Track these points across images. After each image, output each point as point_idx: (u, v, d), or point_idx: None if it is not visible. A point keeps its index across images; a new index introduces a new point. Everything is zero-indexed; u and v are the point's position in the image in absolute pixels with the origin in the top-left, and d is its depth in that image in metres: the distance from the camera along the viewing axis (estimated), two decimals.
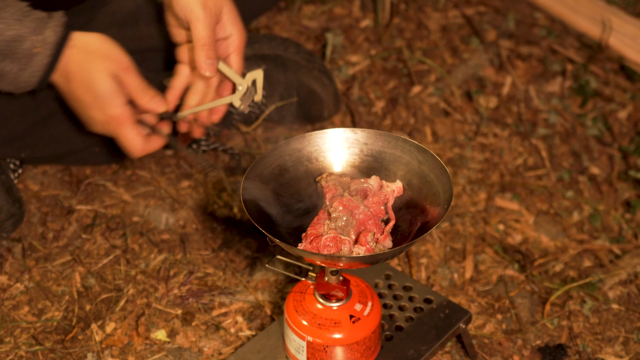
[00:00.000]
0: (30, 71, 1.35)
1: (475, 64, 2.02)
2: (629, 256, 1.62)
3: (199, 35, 1.39)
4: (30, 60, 1.34)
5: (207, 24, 1.39)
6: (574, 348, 1.47)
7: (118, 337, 1.47)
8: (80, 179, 1.72)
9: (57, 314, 1.50)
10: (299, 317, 1.29)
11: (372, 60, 2.02)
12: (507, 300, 1.54)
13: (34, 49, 1.33)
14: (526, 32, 2.11)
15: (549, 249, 1.64)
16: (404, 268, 1.59)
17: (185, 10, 1.39)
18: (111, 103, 1.37)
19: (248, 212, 1.19)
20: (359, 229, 1.23)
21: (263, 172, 1.27)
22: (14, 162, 1.67)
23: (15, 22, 1.32)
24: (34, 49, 1.33)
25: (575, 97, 1.96)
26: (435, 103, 1.93)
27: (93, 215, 1.67)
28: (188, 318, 1.50)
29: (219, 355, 1.45)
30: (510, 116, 1.91)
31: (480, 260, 1.61)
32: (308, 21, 2.12)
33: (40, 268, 1.57)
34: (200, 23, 1.38)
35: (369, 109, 1.91)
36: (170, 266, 1.57)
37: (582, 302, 1.54)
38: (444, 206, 1.20)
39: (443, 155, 1.81)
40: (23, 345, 1.46)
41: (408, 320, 1.40)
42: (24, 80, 1.36)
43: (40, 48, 1.33)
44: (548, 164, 1.81)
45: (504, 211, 1.71)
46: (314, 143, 1.31)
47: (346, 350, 1.29)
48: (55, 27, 1.35)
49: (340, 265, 1.18)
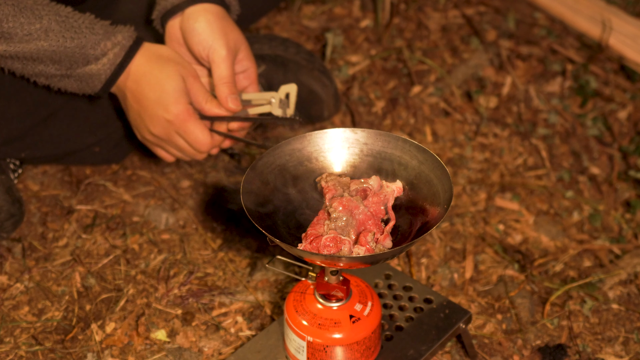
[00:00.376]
0: (102, 70, 1.41)
1: (475, 64, 2.03)
2: (629, 256, 1.62)
3: (222, 75, 1.45)
4: (101, 60, 1.40)
5: (229, 64, 1.45)
6: (574, 348, 1.48)
7: (118, 337, 1.47)
8: (80, 179, 1.72)
9: (57, 314, 1.50)
10: (299, 317, 1.29)
11: (372, 60, 2.02)
12: (507, 300, 1.54)
13: (106, 50, 1.39)
14: (526, 32, 2.11)
15: (549, 249, 1.64)
16: (404, 268, 1.59)
17: (207, 50, 1.44)
18: (180, 99, 1.41)
19: (248, 212, 1.19)
20: (358, 229, 1.23)
21: (263, 172, 1.27)
22: (14, 162, 1.67)
23: (87, 30, 1.38)
24: (106, 51, 1.39)
25: (575, 97, 1.96)
26: (435, 103, 1.93)
27: (93, 215, 1.67)
28: (188, 318, 1.50)
29: (219, 355, 1.45)
30: (510, 116, 1.91)
31: (480, 260, 1.61)
32: (308, 21, 2.12)
33: (40, 268, 1.57)
34: (224, 63, 1.44)
35: (369, 109, 1.91)
36: (170, 266, 1.58)
37: (582, 302, 1.54)
38: (444, 206, 1.20)
39: (443, 155, 1.81)
40: (23, 345, 1.46)
41: (408, 320, 1.40)
42: (93, 81, 1.42)
43: (112, 51, 1.40)
44: (548, 164, 1.81)
45: (504, 211, 1.71)
46: (314, 143, 1.31)
47: (346, 350, 1.29)
48: (125, 33, 1.41)
49: (340, 265, 1.19)
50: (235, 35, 1.46)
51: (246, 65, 1.50)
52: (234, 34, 1.46)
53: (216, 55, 1.44)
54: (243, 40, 1.48)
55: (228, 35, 1.45)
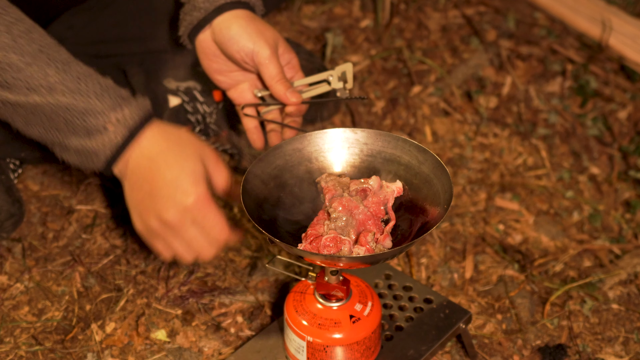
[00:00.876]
0: (100, 148, 1.26)
1: (475, 64, 2.03)
2: (629, 256, 1.62)
3: (272, 74, 1.41)
4: (101, 136, 1.26)
5: (276, 61, 1.41)
6: (574, 348, 1.48)
7: (118, 337, 1.47)
8: (80, 179, 1.72)
9: (57, 314, 1.50)
10: (299, 317, 1.29)
11: (372, 60, 2.02)
12: (507, 300, 1.54)
13: (108, 124, 1.25)
14: (526, 32, 2.11)
15: (549, 249, 1.64)
16: (404, 268, 1.59)
17: (250, 54, 1.40)
18: (200, 182, 1.25)
19: (248, 212, 1.19)
20: (358, 229, 1.23)
21: (263, 172, 1.27)
22: (14, 162, 1.67)
23: (94, 96, 1.26)
24: (107, 125, 1.25)
25: (575, 97, 1.96)
26: (435, 103, 1.93)
27: (93, 215, 1.67)
28: (188, 318, 1.50)
29: (219, 355, 1.45)
30: (510, 116, 1.91)
31: (480, 260, 1.61)
32: (308, 21, 2.12)
33: (40, 268, 1.57)
34: (271, 62, 1.41)
35: (369, 109, 1.91)
36: (170, 266, 1.58)
37: (582, 302, 1.54)
38: (444, 206, 1.20)
39: (443, 155, 1.81)
40: (23, 345, 1.46)
41: (408, 320, 1.40)
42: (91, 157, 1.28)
43: (115, 126, 1.26)
44: (548, 164, 1.81)
45: (504, 211, 1.71)
46: (314, 143, 1.31)
47: (346, 350, 1.29)
48: (136, 108, 1.27)
49: (340, 266, 1.19)
50: (271, 32, 1.43)
51: (288, 58, 1.46)
52: (269, 31, 1.43)
53: (261, 57, 1.40)
54: (278, 35, 1.45)
55: (265, 34, 1.41)
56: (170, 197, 1.24)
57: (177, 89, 1.72)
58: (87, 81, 1.26)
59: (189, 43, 1.46)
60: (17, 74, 1.24)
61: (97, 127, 1.24)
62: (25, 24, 1.27)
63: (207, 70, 1.48)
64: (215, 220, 1.26)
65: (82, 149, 1.26)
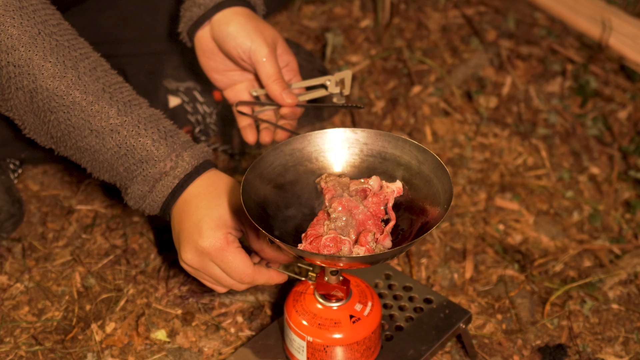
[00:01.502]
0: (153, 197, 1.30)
1: (475, 64, 2.03)
2: (629, 256, 1.62)
3: (269, 73, 1.40)
4: (153, 181, 1.29)
5: (273, 60, 1.41)
6: (574, 348, 1.48)
7: (118, 337, 1.47)
8: (80, 179, 1.72)
9: (57, 314, 1.50)
10: (299, 317, 1.29)
11: (372, 60, 2.02)
12: (507, 300, 1.54)
13: (164, 170, 1.28)
14: (526, 32, 2.11)
15: (549, 249, 1.64)
16: (404, 268, 1.59)
17: (247, 52, 1.40)
18: (220, 227, 1.26)
19: (248, 212, 1.19)
20: (358, 229, 1.23)
21: (263, 172, 1.27)
22: (14, 162, 1.67)
23: (159, 141, 1.28)
24: (164, 170, 1.28)
25: (575, 97, 1.96)
26: (435, 103, 1.93)
27: (93, 215, 1.67)
28: (188, 318, 1.50)
29: (219, 355, 1.45)
30: (510, 116, 1.91)
31: (480, 260, 1.61)
32: (308, 21, 2.12)
33: (40, 268, 1.57)
34: (268, 61, 1.40)
35: (369, 109, 1.91)
36: (170, 266, 1.58)
37: (582, 302, 1.54)
38: (444, 206, 1.20)
39: (443, 155, 1.81)
40: (23, 345, 1.46)
41: (408, 320, 1.40)
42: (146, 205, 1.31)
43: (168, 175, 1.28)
44: (548, 164, 1.81)
45: (504, 211, 1.71)
46: (314, 143, 1.31)
47: (346, 350, 1.29)
48: (190, 156, 1.29)
49: (340, 266, 1.18)
50: (270, 32, 1.43)
51: (286, 59, 1.46)
52: (268, 30, 1.42)
53: (258, 55, 1.40)
54: (278, 35, 1.45)
55: (264, 32, 1.41)
56: (190, 240, 1.27)
57: (177, 89, 1.72)
58: (147, 126, 1.28)
59: (188, 40, 1.46)
60: (80, 114, 1.26)
61: (153, 175, 1.28)
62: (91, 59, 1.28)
63: (204, 68, 1.47)
64: (235, 264, 1.26)
65: (140, 194, 1.30)
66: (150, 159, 1.27)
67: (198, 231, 1.26)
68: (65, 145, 1.30)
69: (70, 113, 1.26)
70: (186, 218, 1.28)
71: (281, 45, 1.45)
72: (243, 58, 1.41)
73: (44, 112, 1.27)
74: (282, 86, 1.41)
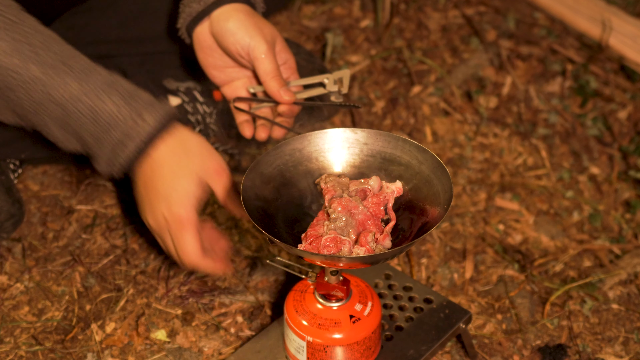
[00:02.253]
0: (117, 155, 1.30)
1: (475, 64, 2.03)
2: (629, 256, 1.62)
3: (267, 69, 1.40)
4: (120, 145, 1.29)
5: (272, 57, 1.40)
6: (574, 348, 1.48)
7: (118, 337, 1.47)
8: (80, 179, 1.72)
9: (57, 314, 1.51)
10: (299, 317, 1.29)
11: (372, 60, 2.02)
12: (507, 300, 1.54)
13: (127, 132, 1.28)
14: (526, 32, 2.11)
15: (549, 249, 1.64)
16: (404, 268, 1.59)
17: (246, 48, 1.40)
18: (186, 204, 1.29)
19: (248, 212, 1.19)
20: (358, 229, 1.23)
21: (263, 172, 1.27)
22: (14, 162, 1.67)
23: (121, 104, 1.28)
24: (127, 133, 1.28)
25: (575, 97, 1.96)
26: (435, 103, 1.93)
27: (93, 215, 1.67)
28: (188, 318, 1.50)
29: (219, 355, 1.45)
30: (510, 116, 1.91)
31: (480, 260, 1.61)
32: (308, 21, 2.12)
33: (40, 268, 1.57)
34: (267, 57, 1.40)
35: (369, 109, 1.91)
36: (170, 266, 1.58)
37: (582, 302, 1.54)
38: (444, 206, 1.20)
39: (443, 155, 1.81)
40: (23, 345, 1.46)
41: (408, 320, 1.40)
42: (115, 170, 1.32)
43: (135, 132, 1.28)
44: (548, 164, 1.81)
45: (504, 211, 1.71)
46: (314, 143, 1.31)
47: (346, 350, 1.29)
48: (156, 114, 1.29)
49: (340, 266, 1.19)
50: (269, 29, 1.42)
51: (285, 57, 1.46)
52: (267, 27, 1.42)
53: (257, 51, 1.40)
54: (277, 33, 1.44)
55: (263, 29, 1.41)
56: (157, 208, 1.30)
57: (177, 89, 1.72)
58: (108, 90, 1.28)
59: (187, 36, 1.46)
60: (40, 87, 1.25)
61: (119, 139, 1.28)
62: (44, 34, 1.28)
63: (202, 64, 1.47)
64: (186, 246, 1.29)
65: (107, 160, 1.30)
66: (115, 123, 1.27)
67: (166, 204, 1.29)
68: (30, 121, 1.30)
69: (30, 88, 1.26)
70: (152, 186, 1.30)
71: (280, 42, 1.45)
72: (241, 54, 1.41)
73: (3, 91, 1.26)
74: (279, 83, 1.41)
